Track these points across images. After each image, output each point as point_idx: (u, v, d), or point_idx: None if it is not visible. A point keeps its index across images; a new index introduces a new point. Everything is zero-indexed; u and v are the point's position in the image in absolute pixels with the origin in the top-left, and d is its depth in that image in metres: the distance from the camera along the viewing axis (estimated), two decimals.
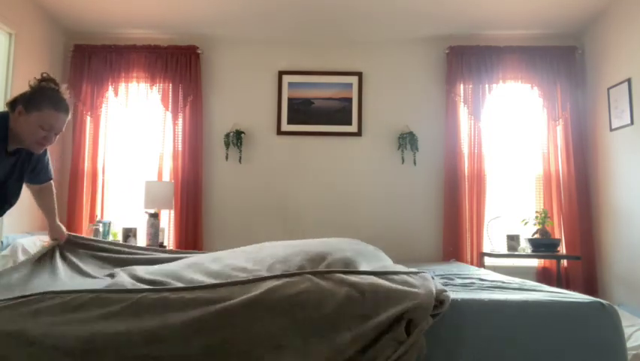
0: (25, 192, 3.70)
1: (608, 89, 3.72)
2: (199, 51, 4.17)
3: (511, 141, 4.17)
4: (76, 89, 4.08)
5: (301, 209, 4.13)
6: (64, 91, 1.91)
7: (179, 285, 1.69)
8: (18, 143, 1.86)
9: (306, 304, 1.56)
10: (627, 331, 2.61)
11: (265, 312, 1.54)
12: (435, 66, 4.24)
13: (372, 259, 2.06)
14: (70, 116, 1.93)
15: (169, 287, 1.66)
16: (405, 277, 1.76)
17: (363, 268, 1.84)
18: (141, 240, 3.90)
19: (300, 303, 1.56)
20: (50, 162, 2.18)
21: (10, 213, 3.45)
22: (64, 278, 2.02)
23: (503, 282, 2.19)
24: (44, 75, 1.90)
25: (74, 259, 2.23)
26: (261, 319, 1.53)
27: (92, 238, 2.85)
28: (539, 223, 3.77)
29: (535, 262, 3.98)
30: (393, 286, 1.66)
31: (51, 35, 4.02)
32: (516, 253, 3.79)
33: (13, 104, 1.84)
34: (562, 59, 4.06)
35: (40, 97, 1.83)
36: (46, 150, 2.10)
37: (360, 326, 1.53)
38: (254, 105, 4.24)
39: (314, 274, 1.71)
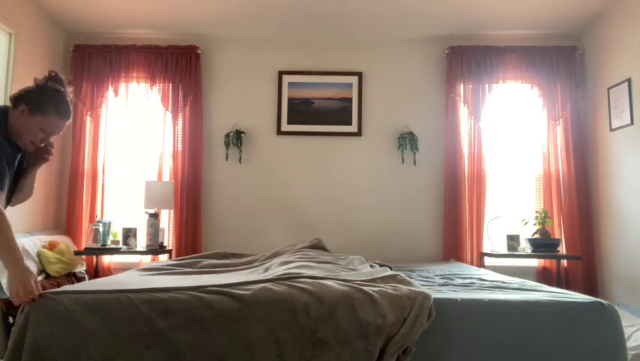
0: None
1: (608, 89, 3.72)
2: (199, 51, 4.17)
3: (511, 141, 4.17)
4: (76, 89, 4.08)
5: (301, 209, 4.13)
6: (70, 92, 1.87)
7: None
8: (14, 138, 1.81)
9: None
10: (627, 331, 2.61)
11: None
12: (435, 66, 4.24)
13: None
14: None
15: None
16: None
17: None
18: (141, 240, 3.90)
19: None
20: None
21: (10, 213, 3.46)
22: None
23: (503, 282, 2.19)
24: (52, 74, 1.84)
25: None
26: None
27: None
28: (539, 223, 3.77)
29: (535, 262, 3.98)
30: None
31: (51, 35, 4.02)
32: (516, 253, 3.79)
33: (17, 100, 1.79)
34: (562, 59, 4.06)
35: (47, 101, 1.78)
36: None
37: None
38: (254, 105, 4.24)
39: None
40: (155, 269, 2.34)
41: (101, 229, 3.71)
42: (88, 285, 1.75)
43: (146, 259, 3.95)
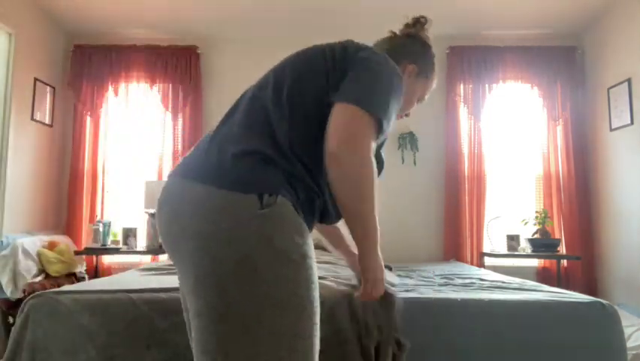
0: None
1: (608, 89, 3.72)
2: (199, 51, 4.17)
3: (511, 141, 4.17)
4: (76, 89, 4.08)
5: None
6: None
7: None
8: None
9: None
10: (627, 331, 2.60)
11: None
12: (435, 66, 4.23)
13: None
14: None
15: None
16: None
17: None
18: (141, 240, 3.90)
19: None
20: None
21: (10, 213, 3.46)
22: None
23: (503, 282, 2.19)
24: (422, 19, 1.41)
25: None
26: None
27: None
28: (539, 223, 3.76)
29: (535, 262, 3.98)
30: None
31: (51, 35, 4.02)
32: (516, 253, 3.79)
33: (397, 54, 1.30)
34: (562, 59, 4.06)
35: (431, 59, 1.36)
36: None
37: None
38: None
39: None
40: (155, 269, 2.34)
41: (101, 229, 3.71)
42: (88, 285, 1.76)
43: (146, 259, 3.95)
